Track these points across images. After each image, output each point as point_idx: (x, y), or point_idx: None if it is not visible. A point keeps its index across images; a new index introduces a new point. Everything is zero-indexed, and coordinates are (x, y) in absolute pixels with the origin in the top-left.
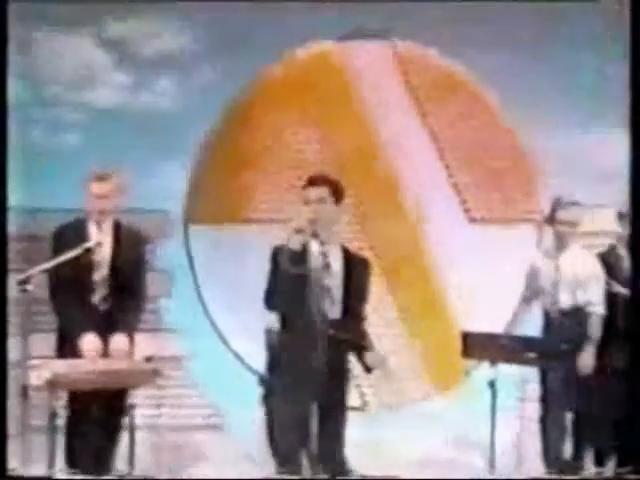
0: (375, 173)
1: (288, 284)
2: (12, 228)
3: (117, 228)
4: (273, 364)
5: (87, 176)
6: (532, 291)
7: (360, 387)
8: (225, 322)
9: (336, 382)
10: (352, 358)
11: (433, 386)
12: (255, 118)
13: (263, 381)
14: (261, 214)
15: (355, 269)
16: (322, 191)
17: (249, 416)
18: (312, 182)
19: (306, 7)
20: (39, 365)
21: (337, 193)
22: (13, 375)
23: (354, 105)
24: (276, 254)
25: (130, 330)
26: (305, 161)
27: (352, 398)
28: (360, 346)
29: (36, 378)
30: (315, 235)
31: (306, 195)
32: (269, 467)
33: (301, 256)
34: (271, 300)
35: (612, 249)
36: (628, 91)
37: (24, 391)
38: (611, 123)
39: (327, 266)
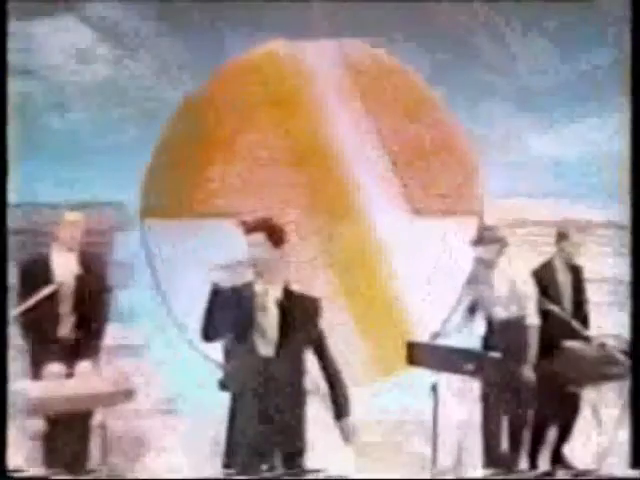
0: (327, 171)
1: (224, 320)
2: None
3: (83, 258)
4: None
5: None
6: (473, 301)
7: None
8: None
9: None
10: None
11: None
12: (210, 115)
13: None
14: (215, 208)
15: (296, 309)
16: (258, 237)
17: (204, 400)
18: (249, 229)
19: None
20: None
21: (275, 237)
22: None
23: (305, 101)
24: (214, 292)
25: (95, 355)
26: (259, 157)
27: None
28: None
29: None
30: (259, 275)
31: (245, 238)
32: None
33: (238, 294)
34: (206, 333)
35: (548, 264)
36: (629, 90)
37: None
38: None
39: (263, 307)
